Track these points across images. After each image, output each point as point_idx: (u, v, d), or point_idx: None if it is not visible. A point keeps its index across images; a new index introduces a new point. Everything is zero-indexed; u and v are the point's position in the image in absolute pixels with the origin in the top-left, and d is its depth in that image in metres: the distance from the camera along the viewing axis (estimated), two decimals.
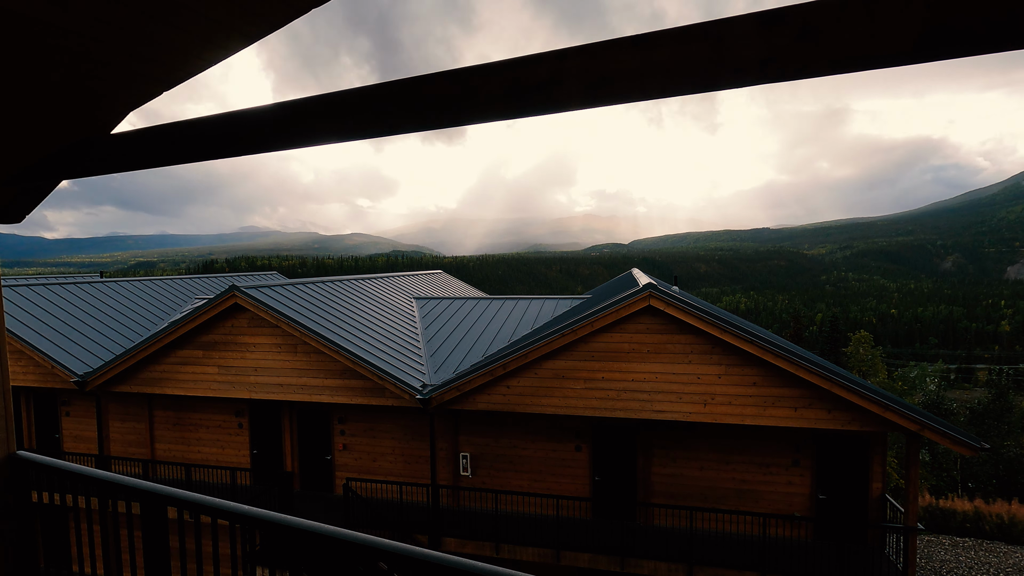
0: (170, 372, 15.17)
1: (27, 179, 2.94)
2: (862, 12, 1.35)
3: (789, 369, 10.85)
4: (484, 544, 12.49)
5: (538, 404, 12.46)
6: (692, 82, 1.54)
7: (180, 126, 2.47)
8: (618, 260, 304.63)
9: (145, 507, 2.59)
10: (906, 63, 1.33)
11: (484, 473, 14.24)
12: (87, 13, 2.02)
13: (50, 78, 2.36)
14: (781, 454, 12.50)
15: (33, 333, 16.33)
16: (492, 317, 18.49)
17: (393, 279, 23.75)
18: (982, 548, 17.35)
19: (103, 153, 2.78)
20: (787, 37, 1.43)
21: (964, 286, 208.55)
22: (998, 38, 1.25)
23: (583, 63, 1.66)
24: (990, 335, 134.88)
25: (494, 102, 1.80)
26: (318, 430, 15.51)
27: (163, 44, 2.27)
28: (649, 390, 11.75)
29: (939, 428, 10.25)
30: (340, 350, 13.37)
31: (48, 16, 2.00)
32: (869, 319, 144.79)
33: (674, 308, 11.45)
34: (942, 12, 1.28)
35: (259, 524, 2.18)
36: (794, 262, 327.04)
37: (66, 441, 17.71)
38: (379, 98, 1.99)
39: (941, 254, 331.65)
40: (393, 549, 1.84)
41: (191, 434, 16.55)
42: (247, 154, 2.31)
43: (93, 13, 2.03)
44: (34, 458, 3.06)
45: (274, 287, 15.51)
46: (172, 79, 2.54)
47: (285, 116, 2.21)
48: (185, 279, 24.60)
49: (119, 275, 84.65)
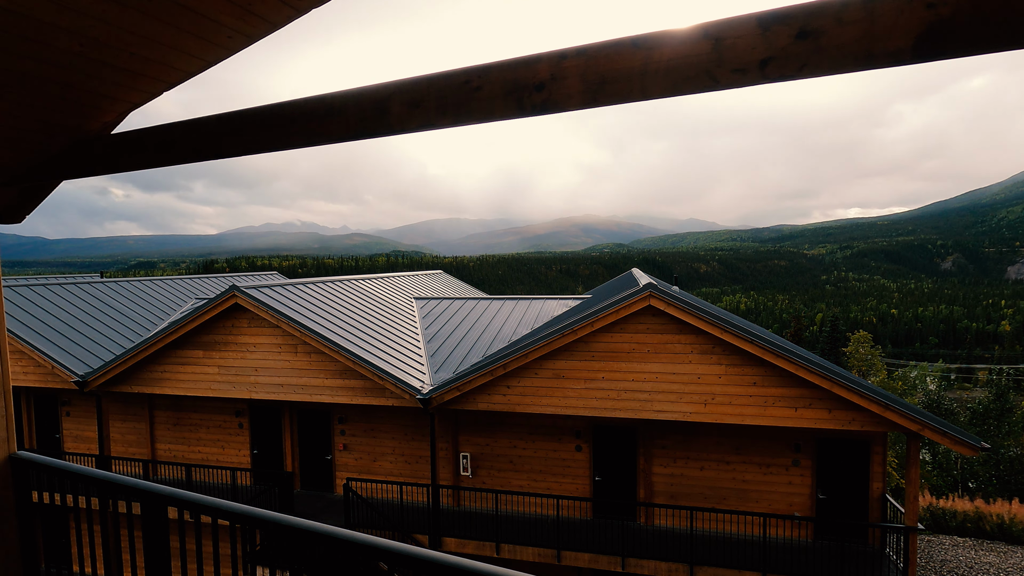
0: (170, 372, 15.17)
1: (27, 179, 2.94)
2: (862, 12, 1.35)
3: (789, 369, 10.84)
4: (484, 544, 12.49)
5: (538, 404, 12.46)
6: (692, 82, 1.54)
7: (180, 126, 2.47)
8: (618, 260, 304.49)
9: (145, 507, 2.59)
10: (906, 63, 1.33)
11: (484, 473, 14.24)
12: (87, 13, 2.02)
13: (50, 78, 2.36)
14: (781, 454, 12.50)
15: (33, 333, 16.33)
16: (492, 317, 18.49)
17: (393, 279, 23.75)
18: (982, 548, 17.35)
19: (103, 153, 2.78)
20: (787, 37, 1.43)
21: (964, 286, 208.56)
22: (998, 38, 1.25)
23: (583, 63, 1.66)
24: (990, 335, 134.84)
25: (494, 102, 1.80)
26: (318, 430, 15.52)
27: (163, 44, 2.27)
28: (649, 390, 11.74)
29: (939, 428, 10.25)
30: (340, 350, 13.37)
31: (48, 16, 2.00)
32: (869, 319, 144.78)
33: (674, 308, 11.45)
34: (942, 12, 1.28)
35: (259, 524, 2.18)
36: (794, 262, 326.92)
37: (66, 441, 17.72)
38: (381, 98, 1.99)
39: (941, 254, 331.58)
40: (393, 549, 1.84)
41: (191, 434, 16.55)
42: (247, 154, 2.31)
43: (93, 13, 2.03)
44: (34, 458, 3.06)
45: (274, 287, 15.51)
46: (172, 79, 2.54)
47: (287, 116, 2.21)
48: (185, 279, 24.60)
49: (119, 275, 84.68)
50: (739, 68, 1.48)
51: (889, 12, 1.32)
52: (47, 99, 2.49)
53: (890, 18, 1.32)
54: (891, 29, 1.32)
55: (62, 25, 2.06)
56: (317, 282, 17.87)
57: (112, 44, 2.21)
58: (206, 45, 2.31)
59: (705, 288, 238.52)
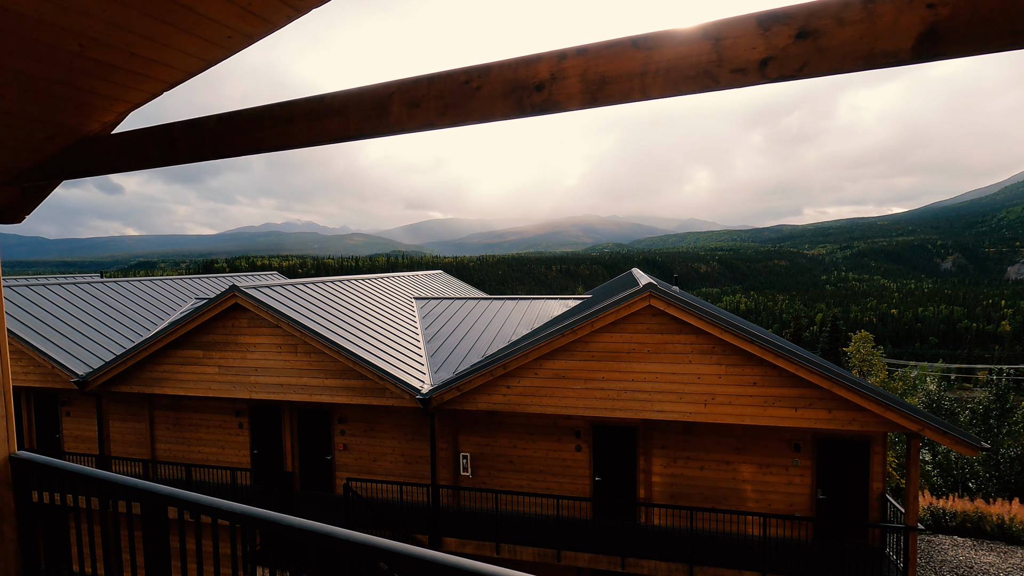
0: (170, 372, 15.17)
1: (27, 179, 2.94)
2: (862, 12, 1.35)
3: (789, 369, 10.84)
4: (484, 544, 12.49)
5: (538, 404, 12.46)
6: (692, 82, 1.54)
7: (180, 126, 2.47)
8: (618, 260, 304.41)
9: (145, 507, 2.59)
10: (906, 63, 1.33)
11: (484, 473, 14.24)
12: (87, 13, 2.02)
13: (50, 78, 2.36)
14: (781, 454, 12.50)
15: (33, 333, 16.33)
16: (492, 317, 18.49)
17: (393, 279, 23.75)
18: (982, 548, 17.34)
19: (103, 153, 2.78)
20: (787, 37, 1.43)
21: (964, 286, 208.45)
22: (998, 38, 1.25)
23: (583, 63, 1.66)
24: (990, 335, 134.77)
25: (494, 102, 1.80)
26: (318, 430, 15.52)
27: (163, 44, 2.27)
28: (649, 390, 11.74)
29: (939, 428, 10.25)
30: (340, 350, 13.37)
31: (48, 16, 2.00)
32: (869, 319, 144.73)
33: (674, 308, 11.45)
34: (942, 12, 1.28)
35: (259, 524, 2.18)
36: (794, 262, 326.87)
37: (66, 441, 17.72)
38: (381, 98, 1.99)
39: (941, 254, 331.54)
40: (393, 549, 1.84)
41: (191, 434, 16.55)
42: (247, 154, 2.31)
43: (93, 13, 2.03)
44: (34, 458, 3.07)
45: (274, 287, 15.51)
46: (172, 79, 2.54)
47: (287, 116, 2.21)
48: (185, 279, 24.60)
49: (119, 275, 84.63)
50: (739, 68, 1.48)
51: (889, 12, 1.32)
52: (47, 99, 2.49)
53: (890, 18, 1.32)
54: (891, 29, 1.32)
55: (62, 25, 2.06)
56: (317, 282, 17.87)
57: (112, 44, 2.21)
58: (206, 45, 2.31)
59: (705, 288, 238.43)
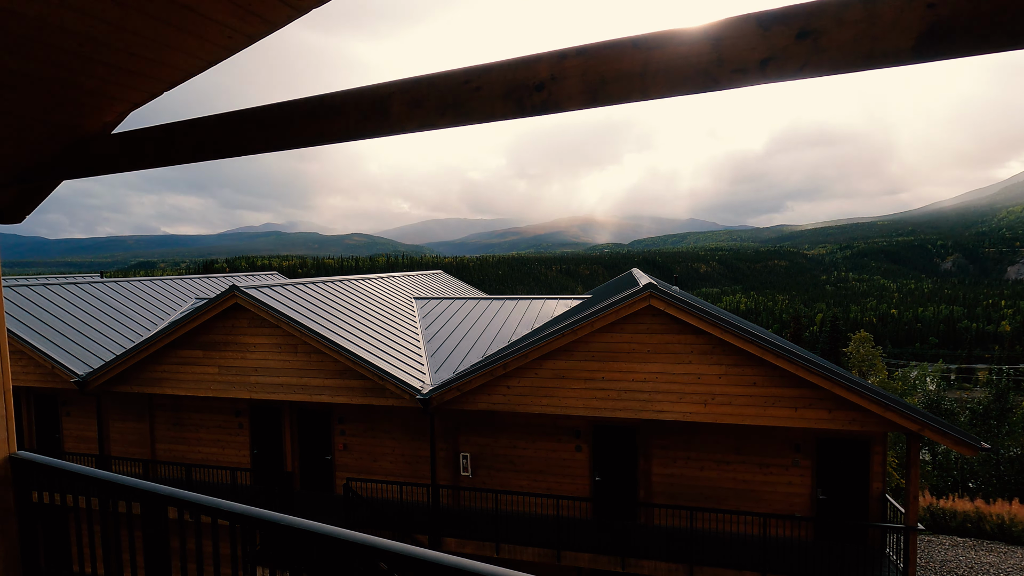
0: (170, 372, 15.17)
1: (27, 179, 2.94)
2: (862, 12, 1.35)
3: (789, 369, 10.84)
4: (484, 544, 12.49)
5: (538, 404, 12.46)
6: (692, 82, 1.54)
7: (180, 126, 2.47)
8: (618, 260, 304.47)
9: (145, 507, 2.59)
10: (906, 63, 1.33)
11: (484, 473, 14.23)
12: (87, 13, 2.02)
13: (50, 78, 2.36)
14: (781, 454, 12.49)
15: (33, 333, 16.33)
16: (492, 317, 18.48)
17: (393, 279, 23.75)
18: (982, 548, 17.35)
19: (103, 153, 2.78)
20: (787, 37, 1.43)
21: (964, 286, 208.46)
22: (999, 38, 1.25)
23: (583, 63, 1.66)
24: (990, 335, 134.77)
25: (495, 102, 1.80)
26: (318, 430, 15.51)
27: (163, 44, 2.27)
28: (649, 390, 11.74)
29: (939, 428, 10.25)
30: (340, 350, 13.37)
31: (48, 16, 2.00)
32: (869, 319, 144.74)
33: (674, 308, 11.45)
34: (942, 12, 1.28)
35: (259, 524, 2.18)
36: (794, 262, 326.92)
37: (67, 441, 17.71)
38: (381, 98, 1.99)
39: (941, 254, 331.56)
40: (393, 549, 1.84)
41: (191, 434, 16.55)
42: (247, 154, 2.31)
43: (93, 13, 2.03)
44: (35, 458, 3.07)
45: (274, 287, 15.51)
46: (172, 79, 2.54)
47: (287, 116, 2.21)
48: (185, 279, 24.60)
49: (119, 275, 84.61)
50: (739, 68, 1.48)
51: (889, 12, 1.32)
52: (47, 99, 2.49)
53: (890, 18, 1.32)
54: (891, 29, 1.32)
55: (62, 25, 2.06)
56: (317, 282, 17.87)
57: (112, 44, 2.21)
58: (206, 45, 2.31)
59: (705, 288, 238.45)
